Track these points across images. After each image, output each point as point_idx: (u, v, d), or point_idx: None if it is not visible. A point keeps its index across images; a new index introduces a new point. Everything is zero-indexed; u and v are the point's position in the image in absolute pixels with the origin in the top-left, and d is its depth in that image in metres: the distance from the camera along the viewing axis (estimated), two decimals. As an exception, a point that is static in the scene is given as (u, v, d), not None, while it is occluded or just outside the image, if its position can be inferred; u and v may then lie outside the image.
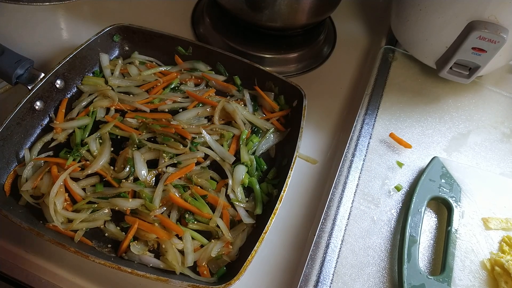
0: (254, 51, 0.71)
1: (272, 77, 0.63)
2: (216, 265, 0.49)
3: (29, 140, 0.55)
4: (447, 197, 0.55)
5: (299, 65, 0.73)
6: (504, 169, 0.62)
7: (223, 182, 0.55)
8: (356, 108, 0.65)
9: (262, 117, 0.63)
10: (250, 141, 0.59)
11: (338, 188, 0.55)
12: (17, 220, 0.44)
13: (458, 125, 0.67)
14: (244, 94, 0.64)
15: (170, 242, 0.48)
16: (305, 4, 0.64)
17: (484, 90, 0.73)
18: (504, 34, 0.57)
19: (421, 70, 0.73)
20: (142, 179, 0.53)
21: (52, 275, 0.47)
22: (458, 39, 0.61)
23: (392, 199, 0.56)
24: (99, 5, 0.77)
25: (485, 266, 0.51)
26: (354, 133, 0.62)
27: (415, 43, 0.69)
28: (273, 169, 0.58)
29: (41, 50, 0.68)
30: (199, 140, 0.57)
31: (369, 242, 0.52)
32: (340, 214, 0.53)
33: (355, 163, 0.58)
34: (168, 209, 0.51)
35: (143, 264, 0.47)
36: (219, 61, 0.66)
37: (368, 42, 0.81)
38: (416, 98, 0.70)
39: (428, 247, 0.53)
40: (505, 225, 0.54)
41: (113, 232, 0.49)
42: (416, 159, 0.61)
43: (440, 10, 0.61)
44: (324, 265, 0.49)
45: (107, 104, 0.60)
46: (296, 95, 0.62)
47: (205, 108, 0.61)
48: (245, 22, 0.69)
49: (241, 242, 0.50)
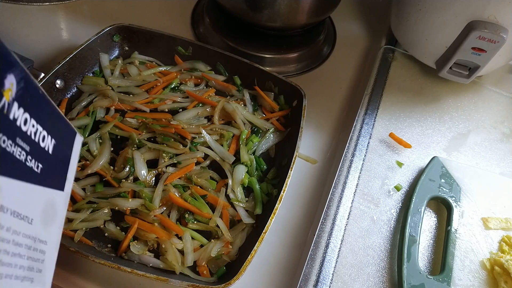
0: (254, 51, 0.71)
1: (272, 77, 0.63)
2: (215, 265, 0.49)
3: (29, 140, 0.55)
4: (446, 197, 0.55)
5: (299, 65, 0.73)
6: (504, 169, 0.62)
7: (223, 182, 0.55)
8: (356, 108, 0.66)
9: (262, 117, 0.63)
10: (250, 141, 0.59)
11: (338, 188, 0.55)
12: (17, 220, 0.44)
13: (458, 125, 0.67)
14: (244, 94, 0.64)
15: (170, 242, 0.48)
16: (305, 4, 0.64)
17: (484, 90, 0.73)
18: (503, 34, 0.57)
19: (421, 70, 0.73)
20: (142, 179, 0.53)
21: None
22: (458, 39, 0.61)
23: (391, 199, 0.56)
24: (99, 5, 0.77)
25: (485, 266, 0.51)
26: (354, 133, 0.62)
27: (415, 43, 0.69)
28: (273, 169, 0.58)
29: (41, 50, 0.68)
30: (199, 140, 0.57)
31: (369, 241, 0.52)
32: (339, 214, 0.53)
33: (355, 163, 0.58)
34: (168, 209, 0.51)
35: (143, 263, 0.47)
36: (219, 61, 0.66)
37: (368, 42, 0.81)
38: (416, 98, 0.70)
39: (427, 246, 0.53)
40: (505, 225, 0.54)
41: (113, 232, 0.49)
42: (416, 159, 0.61)
43: (440, 10, 0.61)
44: (324, 265, 0.49)
45: (107, 104, 0.60)
46: (296, 95, 0.62)
47: (205, 108, 0.61)
48: (245, 22, 0.69)
49: (241, 242, 0.50)
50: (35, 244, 0.28)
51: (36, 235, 0.28)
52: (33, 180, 0.28)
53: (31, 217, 0.27)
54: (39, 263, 0.29)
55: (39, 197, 0.29)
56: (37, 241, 0.28)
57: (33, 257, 0.28)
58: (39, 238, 0.29)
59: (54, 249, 0.32)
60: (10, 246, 0.24)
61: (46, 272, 0.30)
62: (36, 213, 0.28)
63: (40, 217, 0.29)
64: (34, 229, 0.28)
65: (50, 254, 0.31)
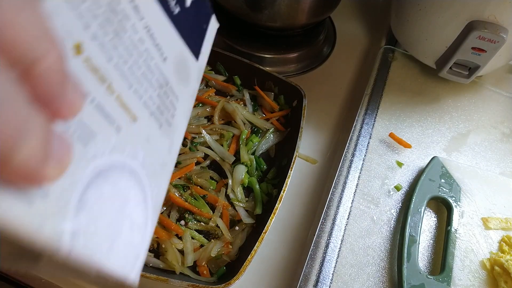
0: (254, 51, 0.71)
1: (272, 77, 0.63)
2: (216, 265, 0.49)
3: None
4: (446, 197, 0.55)
5: (299, 65, 0.73)
6: (504, 169, 0.62)
7: (223, 182, 0.55)
8: (356, 108, 0.66)
9: (262, 117, 0.63)
10: (250, 141, 0.59)
11: (338, 188, 0.55)
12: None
13: (458, 125, 0.67)
14: (244, 94, 0.64)
15: (170, 242, 0.48)
16: (305, 4, 0.64)
17: (484, 90, 0.73)
18: (503, 34, 0.57)
19: (421, 70, 0.73)
20: (142, 179, 0.53)
21: (52, 275, 0.47)
22: (458, 39, 0.61)
23: (391, 199, 0.56)
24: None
25: (485, 266, 0.51)
26: (353, 133, 0.62)
27: (415, 43, 0.69)
28: (273, 169, 0.58)
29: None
30: (199, 140, 0.57)
31: (369, 241, 0.52)
32: (339, 214, 0.53)
33: (355, 163, 0.58)
34: (168, 209, 0.51)
35: (143, 263, 0.47)
36: (219, 61, 0.66)
37: (368, 42, 0.81)
38: (416, 98, 0.70)
39: (427, 246, 0.53)
40: (505, 225, 0.54)
41: (113, 232, 0.49)
42: (416, 159, 0.61)
43: (440, 10, 0.61)
44: (324, 265, 0.49)
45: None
46: (296, 95, 0.62)
47: (205, 108, 0.61)
48: (245, 22, 0.69)
49: (241, 241, 0.51)
50: (167, 88, 0.23)
51: (168, 78, 0.23)
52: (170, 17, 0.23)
53: (165, 54, 0.23)
54: (169, 113, 0.24)
55: (173, 43, 0.24)
56: (168, 87, 0.23)
57: (163, 100, 0.23)
58: (171, 85, 0.24)
59: (184, 118, 0.26)
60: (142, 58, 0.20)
61: (175, 131, 0.24)
62: (169, 55, 0.23)
63: (173, 65, 0.24)
64: (166, 69, 0.23)
65: (179, 117, 0.25)
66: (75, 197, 0.16)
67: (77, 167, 0.16)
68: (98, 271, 0.18)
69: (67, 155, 0.15)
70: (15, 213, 0.13)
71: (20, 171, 0.13)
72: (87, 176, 0.17)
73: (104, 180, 0.18)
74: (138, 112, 0.20)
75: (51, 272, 0.20)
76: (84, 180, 0.17)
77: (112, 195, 0.19)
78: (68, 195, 0.16)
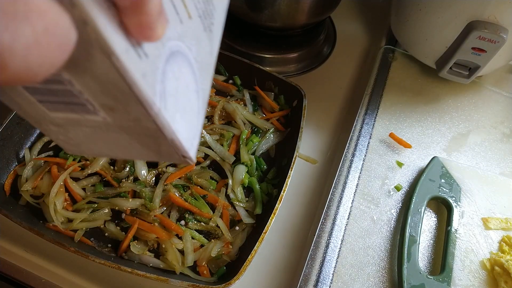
0: (254, 51, 0.71)
1: (272, 77, 0.63)
2: (216, 265, 0.49)
3: (29, 140, 0.56)
4: (447, 197, 0.55)
5: (299, 65, 0.73)
6: (504, 169, 0.62)
7: (223, 182, 0.55)
8: (356, 108, 0.66)
9: (262, 117, 0.63)
10: (250, 141, 0.59)
11: (338, 188, 0.55)
12: (17, 220, 0.44)
13: (458, 125, 0.67)
14: (244, 94, 0.64)
15: (170, 242, 0.48)
16: (305, 4, 0.64)
17: (484, 90, 0.73)
18: (504, 34, 0.57)
19: (421, 70, 0.73)
20: (142, 178, 0.53)
21: (52, 275, 0.47)
22: (458, 39, 0.61)
23: (392, 199, 0.56)
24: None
25: (485, 266, 0.51)
26: (354, 133, 0.62)
27: (415, 43, 0.69)
28: (273, 169, 0.58)
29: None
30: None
31: (369, 241, 0.52)
32: (340, 214, 0.53)
33: (355, 163, 0.58)
34: (168, 209, 0.51)
35: (143, 263, 0.47)
36: (219, 61, 0.66)
37: (368, 42, 0.81)
38: (416, 98, 0.70)
39: (427, 247, 0.53)
40: (505, 225, 0.54)
41: (113, 232, 0.49)
42: (416, 159, 0.61)
43: (440, 10, 0.61)
44: (324, 265, 0.49)
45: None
46: (296, 95, 0.62)
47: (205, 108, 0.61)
48: (245, 22, 0.69)
49: (241, 241, 0.51)
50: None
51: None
52: None
53: None
54: (210, 20, 0.25)
55: None
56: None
57: (206, 7, 0.24)
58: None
59: (219, 30, 0.27)
60: None
61: (214, 38, 0.26)
62: None
63: None
64: None
65: (216, 27, 0.26)
66: (161, 67, 0.19)
67: (161, 41, 0.19)
68: (172, 138, 0.20)
69: (166, 20, 0.18)
70: (131, 60, 0.16)
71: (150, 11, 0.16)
72: (166, 52, 0.19)
73: (174, 60, 0.20)
74: (192, 11, 0.22)
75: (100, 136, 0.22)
76: (164, 55, 0.19)
77: (179, 76, 0.21)
78: (158, 62, 0.18)
